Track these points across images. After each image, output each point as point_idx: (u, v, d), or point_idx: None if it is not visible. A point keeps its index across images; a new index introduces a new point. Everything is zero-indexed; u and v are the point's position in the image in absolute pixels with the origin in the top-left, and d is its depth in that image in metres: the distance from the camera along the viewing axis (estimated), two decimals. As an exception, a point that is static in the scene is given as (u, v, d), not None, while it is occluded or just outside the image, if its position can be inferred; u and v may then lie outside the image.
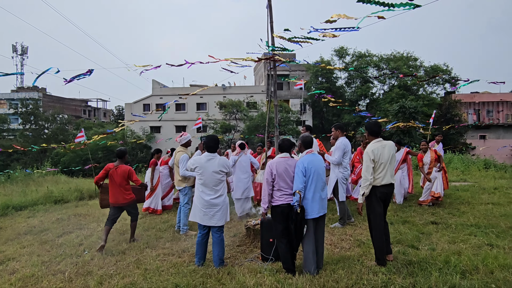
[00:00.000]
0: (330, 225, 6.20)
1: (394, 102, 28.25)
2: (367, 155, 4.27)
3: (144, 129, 36.50)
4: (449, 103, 33.51)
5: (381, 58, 34.53)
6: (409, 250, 4.65)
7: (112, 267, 4.65)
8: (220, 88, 37.75)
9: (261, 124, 30.00)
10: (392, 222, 6.36)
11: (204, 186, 4.54)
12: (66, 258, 5.11)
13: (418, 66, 33.63)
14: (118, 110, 55.65)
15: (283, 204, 4.11)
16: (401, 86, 32.23)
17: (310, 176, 4.02)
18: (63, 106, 46.70)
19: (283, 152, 4.36)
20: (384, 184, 4.20)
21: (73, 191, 11.73)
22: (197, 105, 38.27)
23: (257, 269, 4.20)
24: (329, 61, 34.21)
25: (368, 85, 34.12)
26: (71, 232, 6.76)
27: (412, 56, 34.15)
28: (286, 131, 30.11)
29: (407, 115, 24.73)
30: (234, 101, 33.89)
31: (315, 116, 37.10)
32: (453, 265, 3.90)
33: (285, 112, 32.04)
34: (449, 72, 33.52)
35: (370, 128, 4.43)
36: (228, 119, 34.38)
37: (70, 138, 33.19)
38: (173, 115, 37.91)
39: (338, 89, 34.97)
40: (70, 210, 9.06)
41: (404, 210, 7.39)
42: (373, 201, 4.24)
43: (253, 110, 34.82)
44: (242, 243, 5.46)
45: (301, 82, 12.44)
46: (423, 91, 33.91)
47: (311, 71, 33.59)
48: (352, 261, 4.29)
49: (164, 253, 5.14)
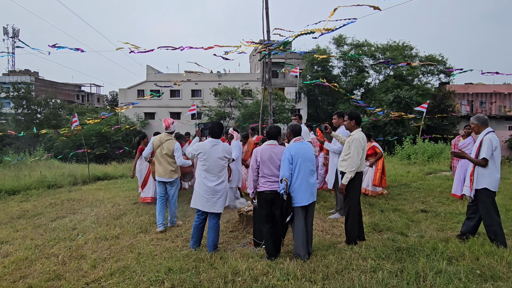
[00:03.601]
0: (329, 216, 6.14)
1: (389, 92, 28.31)
2: (359, 142, 4.46)
3: (138, 115, 36.27)
4: (443, 93, 33.65)
5: (377, 47, 34.42)
6: (398, 237, 4.74)
7: (106, 251, 4.69)
8: (215, 75, 37.47)
9: (256, 112, 30.00)
10: (383, 210, 6.46)
11: (207, 172, 4.55)
12: (59, 242, 5.13)
13: (414, 56, 33.61)
14: (112, 95, 55.14)
15: (267, 190, 4.18)
16: (397, 76, 32.26)
17: (297, 164, 4.05)
18: (56, 90, 45.99)
19: (270, 139, 4.39)
20: (361, 170, 4.57)
21: (66, 176, 11.68)
22: (192, 92, 38.01)
23: (249, 254, 4.26)
24: (325, 50, 34.00)
25: (364, 75, 34.08)
26: (64, 216, 6.77)
27: (408, 45, 34.09)
28: (280, 120, 30.13)
29: (402, 105, 24.83)
30: (229, 88, 33.76)
31: (310, 104, 37.07)
32: (440, 251, 3.99)
33: (280, 100, 31.99)
34: (444, 63, 33.58)
35: (358, 118, 4.68)
36: (223, 106, 34.28)
37: (63, 123, 32.92)
38: (168, 101, 37.67)
39: (334, 78, 34.86)
40: (64, 195, 9.04)
41: (395, 198, 7.50)
42: (355, 186, 4.53)
43: (248, 98, 34.72)
44: (235, 229, 5.53)
45: (296, 69, 12.41)
46: (418, 82, 33.98)
47: (307, 59, 33.42)
48: (342, 247, 4.37)
49: (157, 238, 5.19)
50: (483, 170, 4.36)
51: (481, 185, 4.37)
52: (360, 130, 4.66)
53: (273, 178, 4.17)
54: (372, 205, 6.89)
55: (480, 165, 4.36)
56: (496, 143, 4.34)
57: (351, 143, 4.53)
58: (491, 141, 4.31)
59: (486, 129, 4.47)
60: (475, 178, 4.42)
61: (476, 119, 4.57)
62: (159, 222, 5.63)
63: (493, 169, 4.33)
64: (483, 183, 4.35)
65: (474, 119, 4.61)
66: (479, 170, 4.39)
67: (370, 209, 6.54)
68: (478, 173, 4.39)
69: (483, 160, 4.32)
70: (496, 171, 4.33)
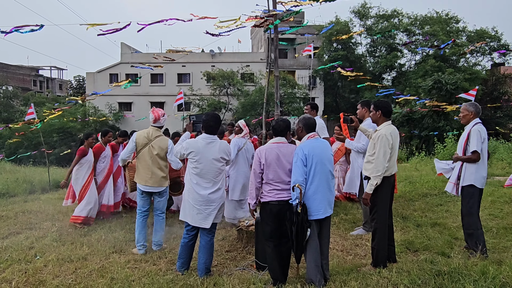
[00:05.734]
0: (350, 232, 6.16)
1: (427, 76, 28.24)
2: (386, 139, 4.44)
3: (111, 105, 36.36)
4: (496, 78, 33.52)
5: (414, 19, 34.31)
6: (438, 258, 4.75)
7: (71, 275, 4.72)
8: (207, 55, 37.50)
9: (259, 102, 29.98)
10: (419, 225, 6.48)
11: (199, 177, 4.55)
12: (13, 264, 5.16)
13: (460, 31, 33.51)
14: (78, 81, 55.34)
15: (273, 201, 4.17)
16: (437, 57, 32.18)
17: (312, 166, 4.06)
18: (7, 75, 46.35)
19: (277, 136, 4.37)
20: (392, 174, 4.62)
21: (21, 182, 11.76)
22: (178, 76, 38.10)
23: (250, 279, 4.29)
24: (346, 23, 33.96)
25: (395, 54, 34.02)
26: (18, 232, 6.81)
27: (454, 17, 33.96)
28: (290, 111, 30.14)
29: (443, 92, 24.74)
30: (225, 71, 33.74)
31: (328, 92, 37.09)
32: (491, 276, 3.99)
33: (289, 86, 31.98)
34: (499, 39, 33.45)
35: (385, 107, 4.68)
36: (218, 94, 34.33)
37: (16, 116, 33.06)
38: (148, 88, 37.77)
39: (358, 59, 34.89)
40: (18, 206, 9.10)
41: (435, 210, 7.51)
42: (383, 195, 4.55)
43: (249, 84, 34.76)
44: (232, 248, 5.56)
45: (310, 47, 12.40)
46: (464, 63, 33.88)
47: (324, 34, 33.38)
48: (367, 271, 4.38)
49: (135, 259, 5.23)
50: (471, 165, 4.87)
51: (467, 181, 4.88)
52: (389, 123, 4.67)
53: (280, 186, 4.17)
54: (405, 218, 6.90)
55: (472, 160, 4.83)
56: (485, 135, 4.87)
57: (376, 140, 4.55)
58: (479, 132, 4.83)
59: (474, 119, 4.98)
60: (462, 174, 4.94)
61: (474, 107, 5.01)
62: (139, 243, 5.53)
63: (480, 164, 4.85)
64: (470, 179, 4.87)
65: (471, 107, 5.02)
66: (467, 165, 4.90)
67: (403, 224, 6.55)
68: (466, 168, 4.91)
69: (475, 154, 4.80)
70: (483, 166, 4.89)
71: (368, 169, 4.59)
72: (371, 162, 4.57)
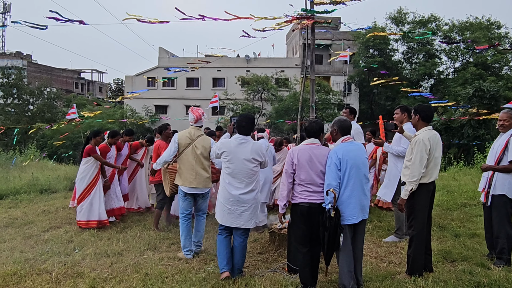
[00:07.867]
0: (384, 239, 6.09)
1: (468, 84, 27.38)
2: (423, 144, 4.37)
3: (148, 108, 37.22)
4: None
5: (453, 26, 33.39)
6: (477, 270, 4.59)
7: (107, 269, 4.86)
8: (242, 60, 37.86)
9: (293, 107, 29.86)
10: (457, 235, 6.29)
11: (231, 176, 4.57)
12: (53, 256, 5.38)
13: (502, 37, 32.33)
14: (117, 84, 57.15)
15: (303, 202, 4.14)
16: (478, 64, 31.15)
17: (346, 170, 4.01)
18: (52, 77, 48.15)
19: (310, 137, 4.35)
20: (432, 181, 4.53)
21: (62, 179, 12.19)
22: (213, 81, 38.62)
23: (281, 281, 4.28)
24: (384, 28, 33.45)
25: (434, 61, 33.18)
26: (59, 227, 7.08)
27: (495, 22, 32.83)
28: (324, 117, 29.85)
29: (485, 101, 23.93)
30: (259, 76, 33.85)
31: (363, 99, 36.57)
32: (534, 290, 3.83)
33: (324, 92, 31.73)
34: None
35: (424, 111, 4.59)
36: (252, 99, 34.48)
37: (59, 116, 34.20)
38: (183, 92, 38.46)
39: (395, 65, 34.24)
40: (58, 202, 9.44)
41: (474, 221, 7.25)
42: (421, 201, 4.47)
43: (283, 89, 34.72)
44: (264, 250, 5.57)
45: (346, 53, 12.30)
46: (507, 71, 32.64)
47: (360, 40, 32.97)
48: (402, 279, 4.29)
49: (168, 257, 5.32)
50: (506, 175, 4.78)
51: (499, 190, 4.81)
52: (429, 128, 4.57)
53: (312, 188, 4.14)
54: (442, 227, 6.73)
55: (508, 171, 4.75)
56: None
57: (413, 145, 4.47)
58: None
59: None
60: (493, 182, 4.86)
61: None
62: (185, 248, 5.36)
63: None
64: (502, 189, 4.79)
65: None
66: (501, 174, 4.81)
67: (440, 233, 6.38)
68: (498, 177, 4.83)
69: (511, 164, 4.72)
70: None
71: (406, 174, 4.50)
72: (408, 167, 4.48)
